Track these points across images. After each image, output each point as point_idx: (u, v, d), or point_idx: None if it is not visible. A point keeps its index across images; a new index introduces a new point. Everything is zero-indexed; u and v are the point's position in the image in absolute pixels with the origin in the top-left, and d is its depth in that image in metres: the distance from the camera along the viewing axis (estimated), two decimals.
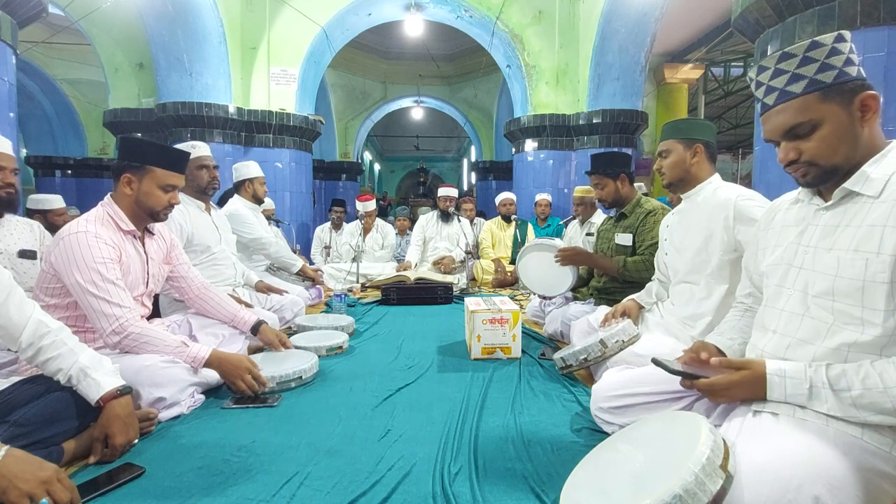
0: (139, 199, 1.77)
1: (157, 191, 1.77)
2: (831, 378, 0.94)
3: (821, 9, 2.81)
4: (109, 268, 1.65)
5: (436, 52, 9.69)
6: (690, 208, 1.83)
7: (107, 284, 1.63)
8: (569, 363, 1.96)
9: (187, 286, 2.07)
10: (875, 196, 0.97)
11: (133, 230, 1.79)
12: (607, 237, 2.75)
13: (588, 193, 4.05)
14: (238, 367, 1.79)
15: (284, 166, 6.16)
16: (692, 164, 1.81)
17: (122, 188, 1.76)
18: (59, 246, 1.63)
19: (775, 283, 1.13)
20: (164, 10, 5.21)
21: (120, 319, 1.64)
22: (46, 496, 1.02)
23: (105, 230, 1.71)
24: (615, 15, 5.59)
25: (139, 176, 1.76)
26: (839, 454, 0.89)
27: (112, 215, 1.76)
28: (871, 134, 1.00)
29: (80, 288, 1.60)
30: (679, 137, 1.83)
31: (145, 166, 1.75)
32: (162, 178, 1.77)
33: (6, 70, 3.20)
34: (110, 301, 1.63)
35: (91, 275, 1.60)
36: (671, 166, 1.84)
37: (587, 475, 1.06)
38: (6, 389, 1.40)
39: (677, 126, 1.86)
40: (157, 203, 1.78)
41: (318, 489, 1.23)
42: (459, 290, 4.17)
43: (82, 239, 1.63)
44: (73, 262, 1.60)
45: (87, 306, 1.62)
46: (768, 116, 1.07)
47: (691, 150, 1.81)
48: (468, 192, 15.83)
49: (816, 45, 0.99)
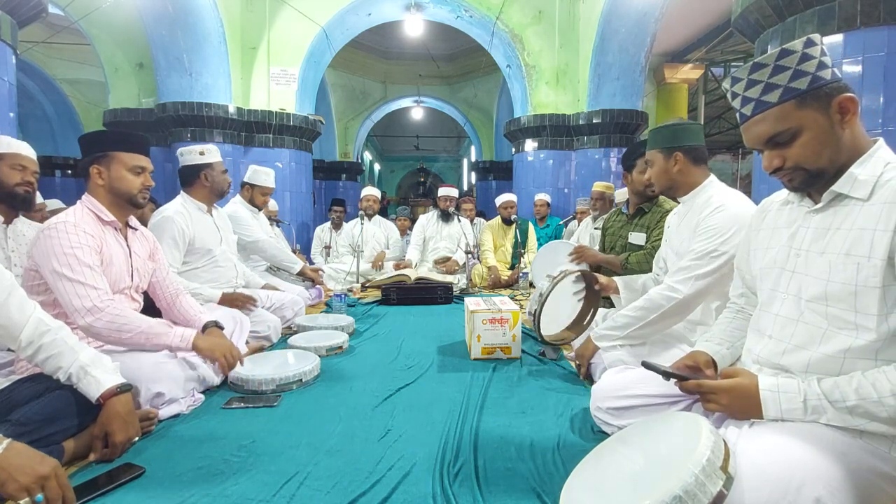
0: (113, 187, 1.76)
1: (127, 174, 1.77)
2: (825, 390, 0.93)
3: (821, 9, 2.81)
4: (86, 252, 1.64)
5: (436, 52, 9.69)
6: (688, 212, 1.81)
7: (83, 268, 1.61)
8: (533, 309, 2.07)
9: (161, 293, 2.02)
10: (864, 199, 0.96)
11: (114, 221, 1.79)
12: (619, 234, 2.64)
13: (608, 190, 4.02)
14: (222, 345, 1.84)
15: (284, 166, 6.16)
16: (676, 172, 1.78)
17: (94, 181, 1.77)
18: (39, 239, 1.63)
19: (769, 288, 1.13)
20: (164, 11, 5.21)
21: (94, 300, 1.60)
22: (41, 492, 1.02)
23: (86, 221, 1.71)
24: (615, 15, 5.59)
25: (106, 164, 1.76)
26: (839, 455, 0.88)
27: (92, 208, 1.76)
28: (853, 135, 1.00)
29: (55, 275, 1.58)
30: (659, 147, 1.81)
31: (109, 153, 1.76)
32: (128, 160, 1.77)
33: (6, 70, 3.20)
34: (85, 283, 1.60)
35: (67, 259, 1.59)
36: (656, 177, 1.84)
37: (587, 475, 1.06)
38: (6, 388, 1.41)
39: (658, 134, 1.83)
40: (130, 186, 1.78)
41: (318, 489, 1.23)
42: (459, 290, 4.17)
43: (61, 228, 1.63)
44: (51, 250, 1.60)
45: (60, 292, 1.59)
46: (747, 127, 1.06)
47: (671, 159, 1.78)
48: (468, 192, 15.83)
49: (786, 52, 0.98)
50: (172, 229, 2.43)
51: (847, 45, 2.76)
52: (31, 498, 1.01)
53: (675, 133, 1.80)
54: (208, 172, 2.60)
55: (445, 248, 5.09)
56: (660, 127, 1.86)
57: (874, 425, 0.89)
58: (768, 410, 0.97)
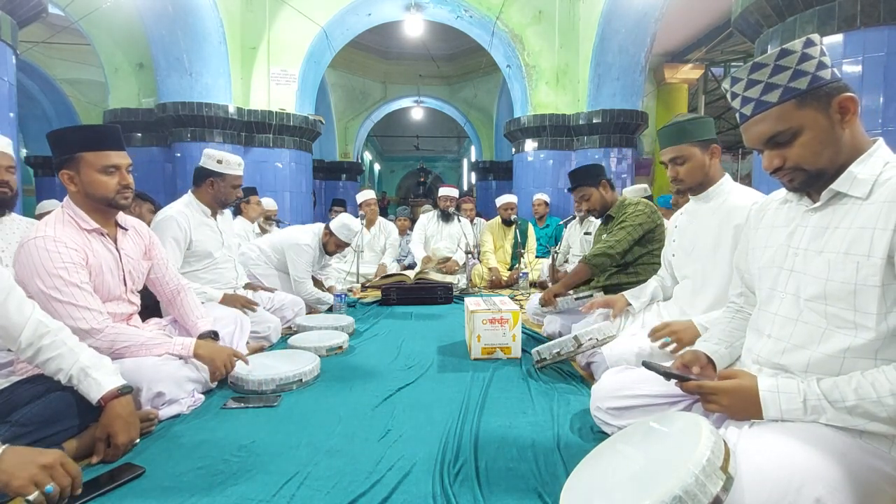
0: (87, 192, 1.62)
1: (98, 176, 1.60)
2: (825, 390, 0.93)
3: (821, 9, 2.81)
4: (72, 271, 1.54)
5: (436, 52, 9.68)
6: (701, 211, 1.78)
7: (70, 288, 1.53)
8: (543, 356, 2.07)
9: (162, 289, 2.00)
10: (863, 198, 0.96)
11: (97, 228, 1.67)
12: (598, 239, 2.79)
13: None
14: (222, 352, 1.82)
15: (284, 166, 6.16)
16: (711, 166, 1.73)
17: (68, 188, 1.63)
18: (21, 253, 1.54)
19: (768, 287, 1.13)
20: (164, 11, 5.20)
21: (91, 321, 1.56)
22: (51, 481, 1.02)
23: (66, 232, 1.60)
24: (615, 15, 5.59)
25: (75, 168, 1.60)
26: (839, 455, 0.88)
27: (72, 216, 1.64)
28: (853, 134, 0.99)
29: (43, 296, 1.50)
30: (692, 140, 1.72)
31: (75, 156, 1.59)
32: (95, 160, 1.60)
33: (6, 70, 3.20)
34: (77, 305, 1.54)
35: (53, 280, 1.51)
36: (690, 172, 1.74)
37: (587, 475, 1.06)
38: (6, 389, 1.40)
39: (684, 128, 1.74)
40: (104, 189, 1.62)
41: (318, 489, 1.23)
42: (459, 290, 4.17)
43: (41, 244, 1.52)
44: (34, 269, 1.51)
45: (51, 312, 1.48)
46: (747, 127, 1.06)
47: (709, 152, 1.72)
48: (468, 192, 15.82)
49: (786, 52, 0.98)
50: (173, 229, 2.42)
51: (847, 45, 2.76)
52: (41, 490, 1.00)
53: (703, 126, 1.74)
54: (217, 181, 2.58)
55: (445, 248, 5.09)
56: (685, 121, 1.76)
57: (874, 425, 0.89)
58: (768, 411, 0.97)
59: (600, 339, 1.91)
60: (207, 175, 2.58)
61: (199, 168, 2.60)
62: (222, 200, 2.64)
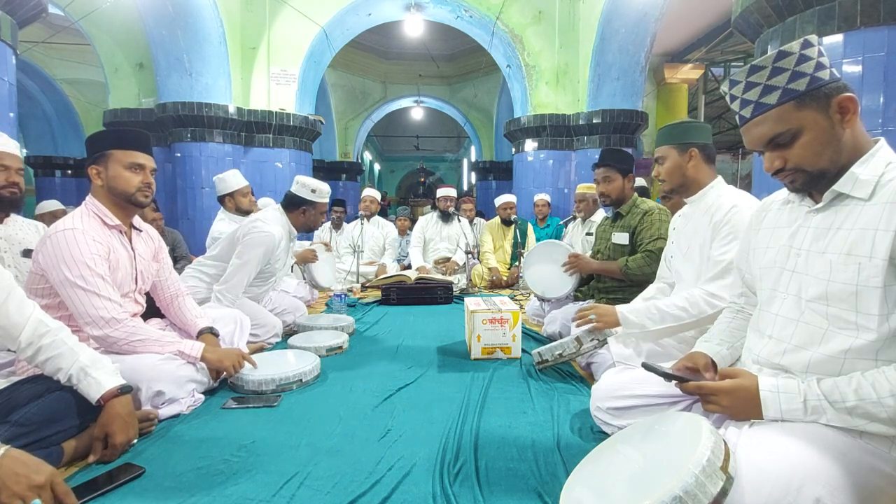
0: (111, 187, 1.73)
1: (123, 172, 1.72)
2: (825, 391, 0.93)
3: (821, 9, 2.81)
4: (98, 262, 1.63)
5: (436, 52, 9.69)
6: (695, 213, 1.80)
7: (95, 279, 1.61)
8: (544, 357, 2.08)
9: (161, 293, 2.04)
10: (865, 199, 0.96)
11: (119, 224, 1.77)
12: (604, 237, 2.76)
13: (590, 190, 4.03)
14: (230, 355, 1.88)
15: (284, 166, 6.16)
16: (689, 168, 1.79)
17: (94, 182, 1.74)
18: (47, 244, 1.61)
19: (769, 287, 1.13)
20: (164, 11, 5.21)
21: (112, 311, 1.62)
22: (38, 499, 1.01)
23: (92, 226, 1.69)
24: (615, 15, 5.59)
25: (103, 164, 1.73)
26: (839, 455, 0.88)
27: (96, 212, 1.74)
28: (853, 134, 0.99)
29: (67, 283, 1.58)
30: (673, 143, 1.81)
31: (105, 153, 1.72)
32: (123, 158, 1.72)
33: (6, 70, 3.20)
34: (100, 294, 1.61)
35: (80, 269, 1.58)
36: (668, 172, 1.82)
37: (587, 475, 1.06)
38: (6, 389, 1.40)
39: (671, 131, 1.84)
40: (127, 185, 1.73)
41: (318, 489, 1.23)
42: (459, 290, 4.17)
43: (69, 236, 1.61)
44: (62, 258, 1.58)
45: (74, 301, 1.59)
46: (747, 128, 1.06)
47: (686, 155, 1.79)
48: (468, 192, 15.82)
49: (784, 54, 0.98)
50: (269, 245, 2.50)
51: (847, 45, 2.76)
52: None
53: (688, 130, 1.81)
54: (309, 209, 2.69)
55: (445, 248, 5.09)
56: (672, 124, 1.86)
57: (874, 426, 0.89)
58: (768, 411, 0.97)
59: (601, 339, 1.92)
60: (301, 203, 2.66)
61: (291, 195, 2.69)
62: (308, 227, 2.74)
